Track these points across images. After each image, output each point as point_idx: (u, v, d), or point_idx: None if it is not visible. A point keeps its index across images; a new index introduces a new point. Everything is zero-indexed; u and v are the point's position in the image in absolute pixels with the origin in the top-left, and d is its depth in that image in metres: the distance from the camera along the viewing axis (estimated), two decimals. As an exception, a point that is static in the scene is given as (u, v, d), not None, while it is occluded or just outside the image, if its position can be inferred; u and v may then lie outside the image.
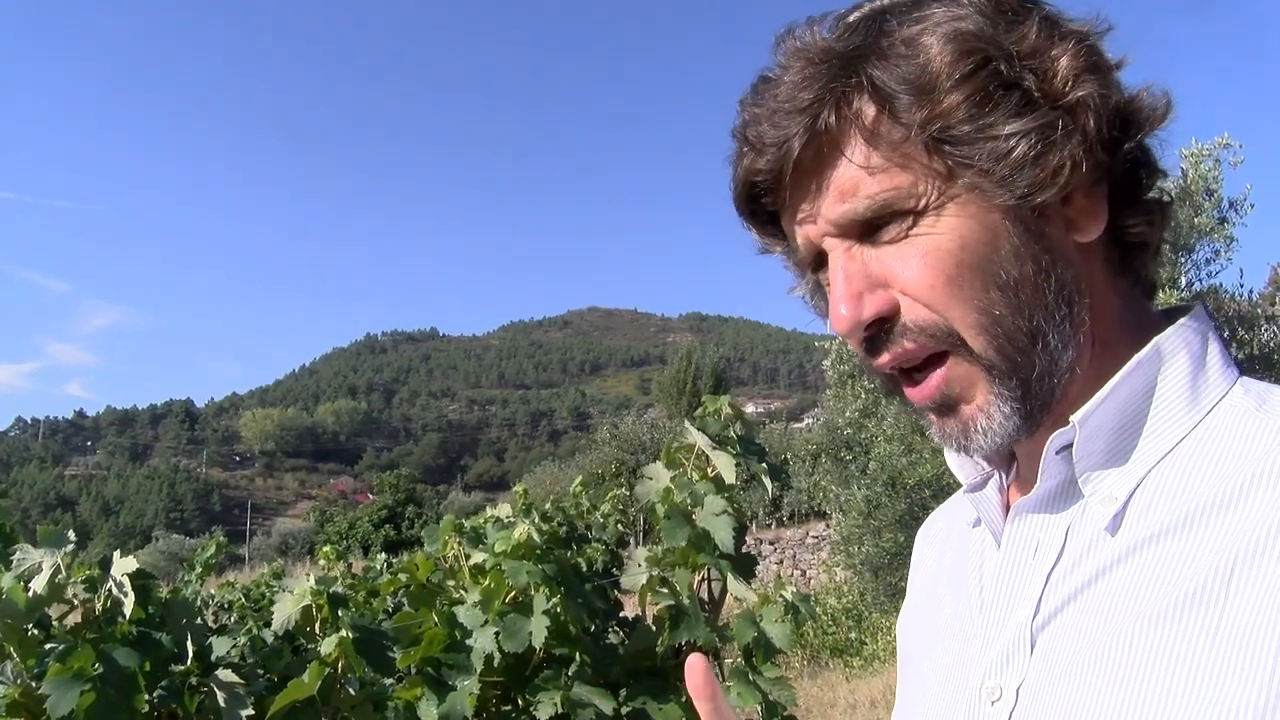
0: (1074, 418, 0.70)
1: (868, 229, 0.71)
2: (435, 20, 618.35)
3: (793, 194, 0.74)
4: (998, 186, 0.67)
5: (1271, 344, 9.59)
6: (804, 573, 19.37)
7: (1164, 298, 7.86)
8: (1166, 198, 0.76)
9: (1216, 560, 0.61)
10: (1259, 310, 9.26)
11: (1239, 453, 0.65)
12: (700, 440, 2.34)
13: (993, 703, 0.72)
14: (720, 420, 2.37)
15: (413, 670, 2.28)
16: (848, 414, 11.90)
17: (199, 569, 4.94)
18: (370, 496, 60.54)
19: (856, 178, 0.69)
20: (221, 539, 4.97)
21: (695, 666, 0.70)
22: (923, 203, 0.68)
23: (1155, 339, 0.72)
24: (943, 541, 0.95)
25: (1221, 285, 9.64)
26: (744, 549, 2.41)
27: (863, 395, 11.32)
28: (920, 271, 0.69)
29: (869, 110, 0.69)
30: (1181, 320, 0.73)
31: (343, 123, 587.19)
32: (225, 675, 2.01)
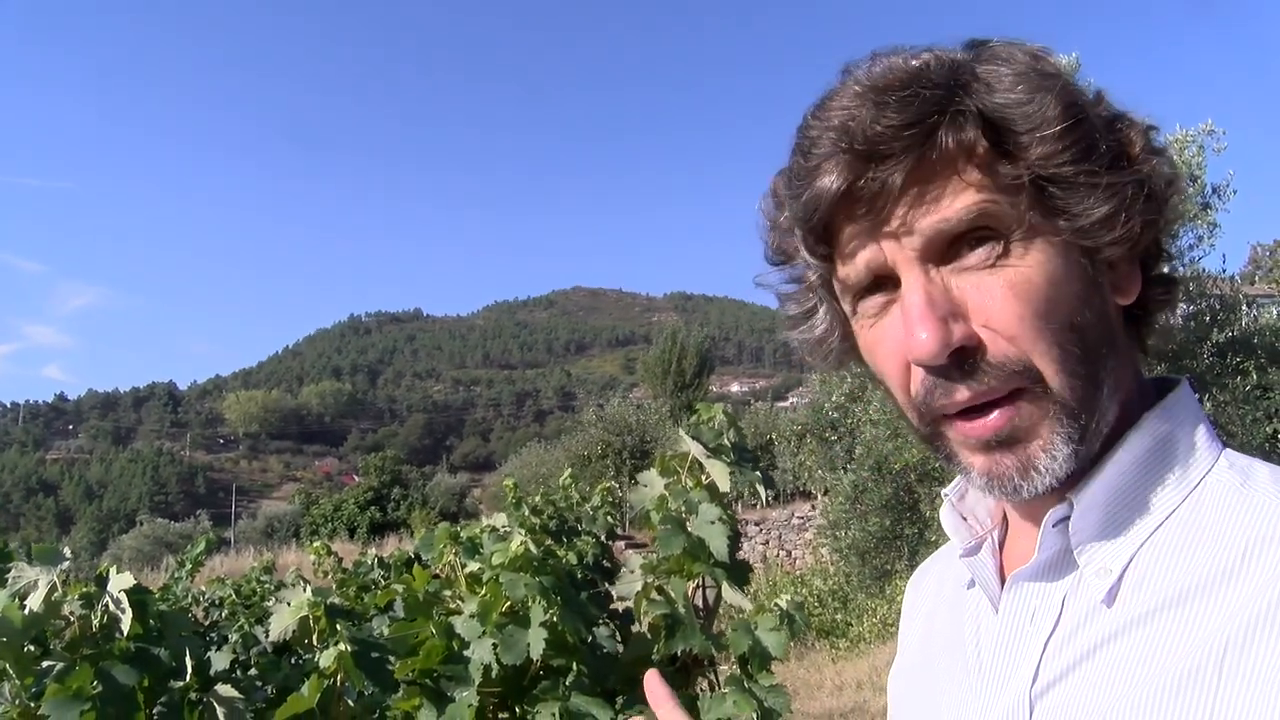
0: (1071, 495, 0.72)
1: (952, 251, 0.70)
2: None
3: (887, 204, 0.70)
4: (1085, 233, 0.69)
5: (1252, 328, 9.68)
6: (789, 553, 19.42)
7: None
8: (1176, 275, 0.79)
9: (1209, 642, 0.63)
10: (1240, 295, 9.33)
11: (1225, 530, 0.68)
12: (695, 449, 2.35)
13: None
14: (714, 428, 2.38)
15: (410, 680, 2.29)
16: (834, 398, 11.95)
17: (189, 565, 4.93)
18: (355, 478, 60.36)
19: (956, 194, 0.69)
20: (210, 536, 4.97)
21: (650, 682, 0.91)
22: (1016, 231, 0.69)
23: (1146, 416, 0.74)
24: (935, 597, 0.96)
25: (1205, 270, 9.70)
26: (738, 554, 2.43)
27: (849, 379, 11.37)
28: (1008, 303, 0.68)
29: (980, 137, 0.69)
30: (1169, 396, 0.76)
31: (326, 104, 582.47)
32: (225, 690, 2.02)
